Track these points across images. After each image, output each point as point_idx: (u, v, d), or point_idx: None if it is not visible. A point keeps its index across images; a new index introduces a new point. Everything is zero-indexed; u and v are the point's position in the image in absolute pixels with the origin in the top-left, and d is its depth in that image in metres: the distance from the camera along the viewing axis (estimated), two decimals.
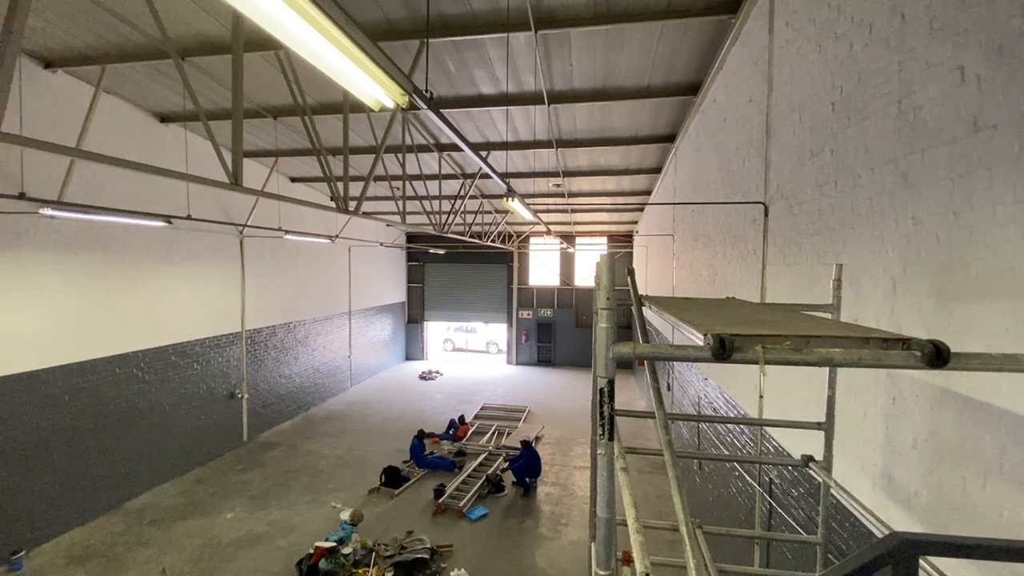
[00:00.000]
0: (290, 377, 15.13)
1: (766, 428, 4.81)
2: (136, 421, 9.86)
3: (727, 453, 6.13)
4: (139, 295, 9.85)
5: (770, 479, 4.67)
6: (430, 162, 12.23)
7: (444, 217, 16.40)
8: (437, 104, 5.17)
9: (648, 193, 15.46)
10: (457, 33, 6.12)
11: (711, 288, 6.97)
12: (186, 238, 10.94)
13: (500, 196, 15.99)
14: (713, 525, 3.58)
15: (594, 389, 3.39)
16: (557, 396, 18.63)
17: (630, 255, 22.28)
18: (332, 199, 6.26)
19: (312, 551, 7.59)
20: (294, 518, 9.22)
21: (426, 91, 3.67)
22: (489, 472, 10.72)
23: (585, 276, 24.43)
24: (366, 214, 7.96)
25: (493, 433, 14.07)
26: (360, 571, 7.39)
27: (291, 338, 15.15)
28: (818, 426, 2.85)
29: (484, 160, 6.11)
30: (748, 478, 5.32)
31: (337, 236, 14.87)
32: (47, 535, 8.22)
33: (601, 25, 5.92)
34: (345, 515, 8.35)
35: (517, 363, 24.96)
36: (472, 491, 10.02)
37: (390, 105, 3.12)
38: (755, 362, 1.25)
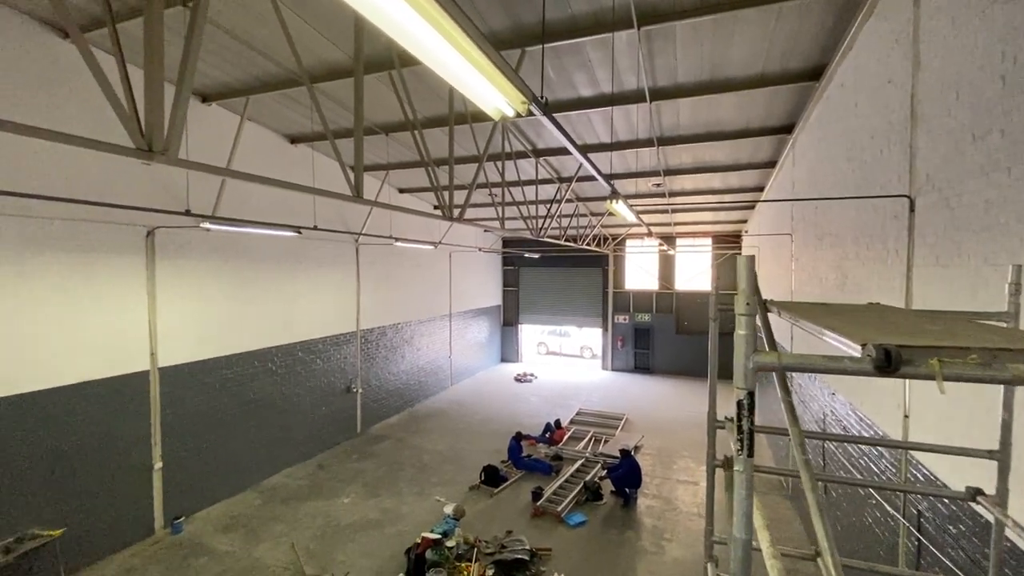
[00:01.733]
0: (397, 375, 16.17)
1: (912, 453, 4.21)
2: (270, 409, 11.13)
3: (860, 477, 5.46)
4: (273, 297, 11.13)
5: (918, 511, 4.08)
6: (526, 167, 12.40)
7: (540, 221, 16.54)
8: (551, 110, 5.26)
9: (760, 190, 14.33)
10: (559, 38, 6.15)
11: (840, 293, 6.27)
12: (312, 246, 12.17)
13: (598, 199, 15.83)
14: (845, 558, 3.21)
15: (711, 401, 3.20)
16: (657, 405, 17.90)
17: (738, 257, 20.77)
18: (436, 207, 6.61)
19: (419, 541, 8.00)
20: (402, 507, 9.80)
21: (541, 98, 3.75)
22: (587, 479, 10.57)
23: (687, 279, 23.22)
24: (468, 220, 8.28)
25: (590, 439, 13.87)
26: (463, 565, 7.64)
27: (399, 338, 16.19)
28: (989, 454, 2.43)
29: (591, 162, 6.05)
30: (888, 507, 4.69)
31: (440, 242, 15.64)
32: (200, 505, 9.54)
33: (709, 15, 5.62)
34: (449, 509, 8.71)
35: (612, 369, 24.38)
36: (570, 496, 9.93)
37: (510, 114, 3.22)
38: (930, 377, 1.09)
